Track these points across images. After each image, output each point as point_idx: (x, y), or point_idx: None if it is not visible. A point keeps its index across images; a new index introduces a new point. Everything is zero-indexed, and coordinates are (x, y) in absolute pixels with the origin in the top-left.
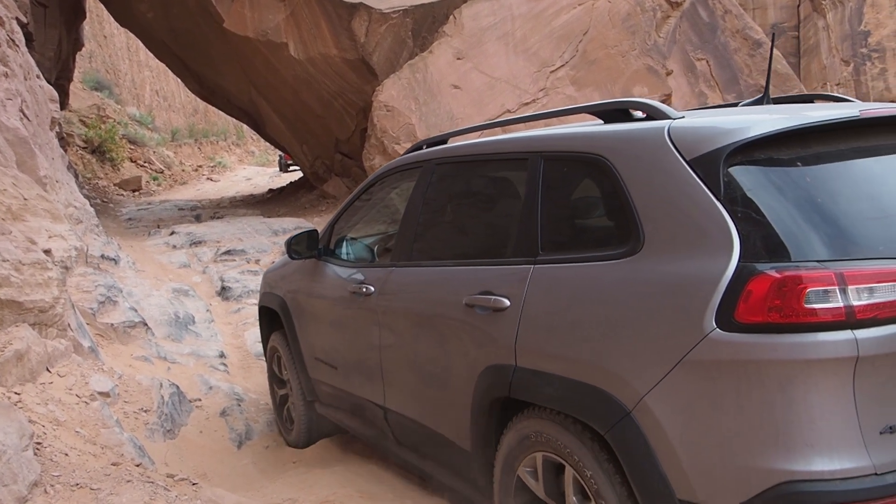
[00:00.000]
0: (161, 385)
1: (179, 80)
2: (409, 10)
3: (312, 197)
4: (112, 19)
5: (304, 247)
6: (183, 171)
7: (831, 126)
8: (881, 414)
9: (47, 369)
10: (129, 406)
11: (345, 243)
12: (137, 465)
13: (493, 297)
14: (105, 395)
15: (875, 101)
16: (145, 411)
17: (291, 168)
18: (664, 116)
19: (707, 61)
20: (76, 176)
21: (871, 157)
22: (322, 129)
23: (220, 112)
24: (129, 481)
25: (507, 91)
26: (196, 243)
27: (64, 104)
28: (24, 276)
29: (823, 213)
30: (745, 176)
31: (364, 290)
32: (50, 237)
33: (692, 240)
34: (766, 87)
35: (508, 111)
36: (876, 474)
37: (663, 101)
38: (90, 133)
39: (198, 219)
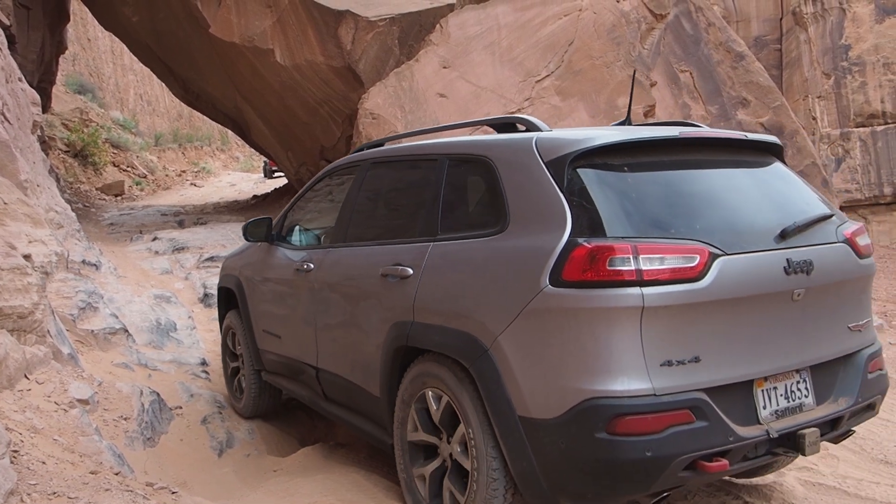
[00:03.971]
0: (141, 392)
1: (164, 84)
2: (395, 18)
3: None
4: (96, 22)
5: (258, 231)
6: (166, 176)
7: (654, 142)
8: (661, 351)
9: (25, 376)
10: (109, 414)
11: (296, 230)
12: (116, 474)
13: (401, 268)
14: (84, 402)
15: (856, 113)
16: (125, 419)
17: (276, 174)
18: (537, 129)
19: (690, 73)
20: (58, 180)
21: (684, 167)
22: (307, 135)
23: (205, 117)
24: (107, 490)
25: (493, 100)
26: (179, 249)
27: (46, 107)
28: (3, 282)
29: (634, 204)
30: (582, 175)
31: (305, 267)
32: (30, 242)
33: (541, 221)
34: (628, 112)
35: None
36: (655, 395)
37: (647, 112)
38: (72, 137)
39: (181, 224)
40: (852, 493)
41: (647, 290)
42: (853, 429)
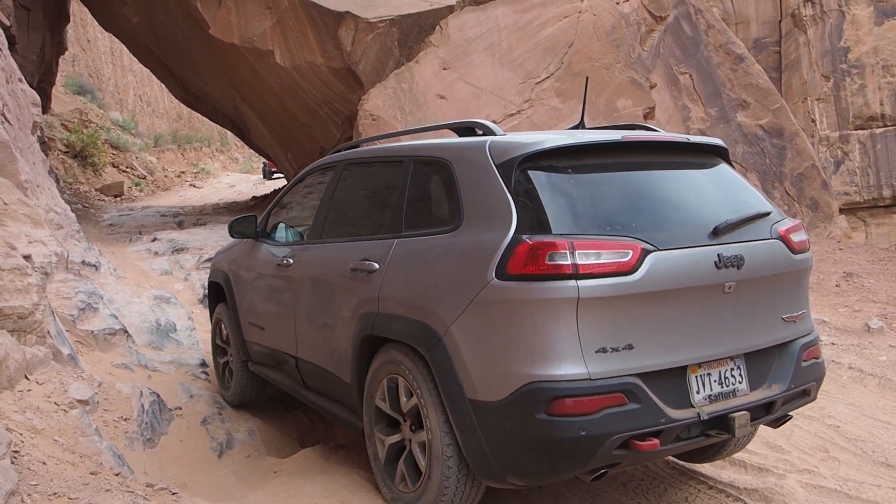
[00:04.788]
0: (141, 393)
1: (163, 85)
2: (395, 19)
3: None
4: (96, 23)
5: (244, 229)
6: (166, 177)
7: (598, 145)
8: (596, 339)
9: (25, 376)
10: (109, 414)
11: (278, 227)
12: (117, 475)
13: (368, 262)
14: (84, 402)
15: (855, 116)
16: (125, 420)
17: (276, 175)
18: (491, 134)
19: (690, 75)
20: (57, 181)
21: (626, 169)
22: (307, 137)
23: (204, 118)
24: (107, 490)
25: (493, 102)
26: (178, 250)
27: (46, 108)
28: (4, 282)
29: (576, 204)
30: (528, 176)
31: (286, 262)
32: (30, 242)
33: (490, 219)
34: (582, 116)
35: (494, 121)
36: (590, 379)
37: (647, 114)
38: (72, 137)
39: (180, 225)
40: (853, 495)
41: (583, 283)
42: (790, 414)
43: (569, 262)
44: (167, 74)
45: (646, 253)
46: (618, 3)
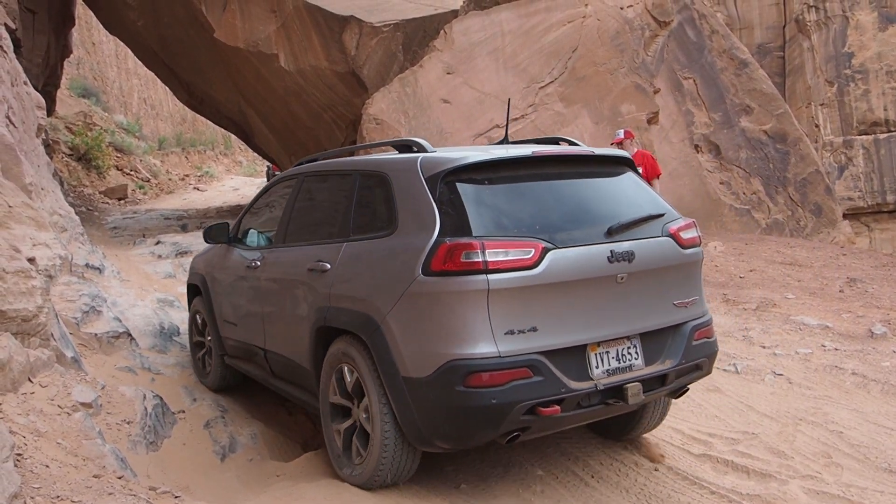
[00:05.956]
0: (145, 396)
1: (168, 88)
2: (399, 23)
3: None
4: (101, 26)
5: (217, 235)
6: (169, 180)
7: (511, 160)
8: (505, 323)
9: (29, 379)
10: (112, 417)
11: (248, 233)
12: (119, 478)
13: (322, 263)
14: (87, 406)
15: (859, 121)
16: (128, 423)
17: None
18: (424, 151)
19: (694, 80)
20: (61, 183)
21: (536, 179)
22: (311, 140)
23: (208, 121)
24: (110, 494)
25: (497, 106)
26: (182, 253)
27: (51, 111)
28: (8, 285)
29: (490, 210)
30: (451, 188)
31: (254, 264)
32: (34, 245)
33: (419, 224)
34: (506, 131)
35: (497, 126)
36: (500, 357)
37: (650, 119)
38: (76, 140)
39: (184, 228)
40: (856, 501)
41: (492, 277)
42: (687, 386)
43: (480, 260)
44: (171, 78)
45: (546, 251)
46: (622, 9)
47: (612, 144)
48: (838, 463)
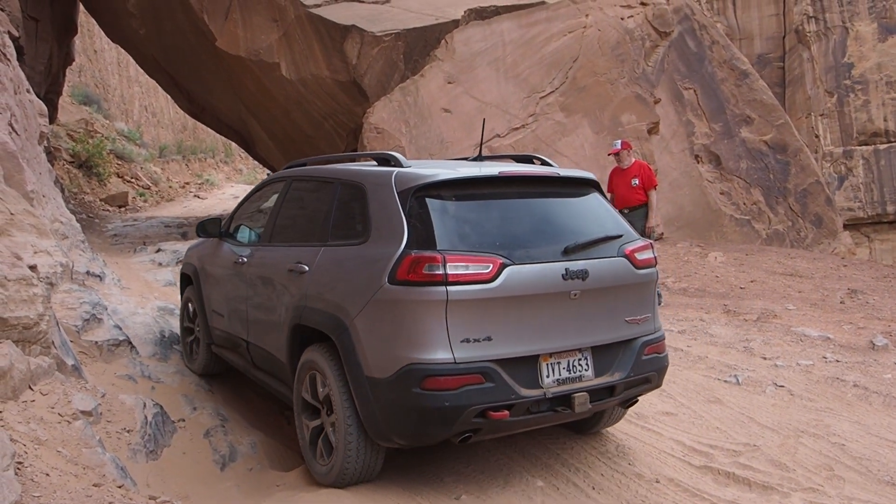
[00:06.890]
0: (145, 405)
1: (169, 96)
2: (401, 33)
3: None
4: (103, 34)
5: (210, 229)
6: (170, 187)
7: (478, 179)
8: (461, 332)
9: (30, 387)
10: (112, 426)
11: (239, 229)
12: (119, 487)
13: (300, 265)
14: (88, 414)
15: (859, 132)
16: (128, 431)
17: None
18: (399, 165)
19: (694, 90)
20: (62, 191)
21: (501, 198)
22: (312, 149)
23: (209, 129)
24: (110, 503)
25: (498, 116)
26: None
27: (52, 118)
28: (9, 293)
29: (454, 226)
30: (420, 203)
31: (241, 260)
32: (36, 253)
33: (389, 235)
34: (479, 149)
35: (498, 136)
36: (455, 363)
37: (651, 129)
38: (77, 147)
39: (184, 236)
40: None
41: (451, 288)
42: (637, 398)
43: (441, 272)
44: (173, 86)
45: (504, 266)
46: (622, 19)
47: (609, 155)
48: (840, 476)
